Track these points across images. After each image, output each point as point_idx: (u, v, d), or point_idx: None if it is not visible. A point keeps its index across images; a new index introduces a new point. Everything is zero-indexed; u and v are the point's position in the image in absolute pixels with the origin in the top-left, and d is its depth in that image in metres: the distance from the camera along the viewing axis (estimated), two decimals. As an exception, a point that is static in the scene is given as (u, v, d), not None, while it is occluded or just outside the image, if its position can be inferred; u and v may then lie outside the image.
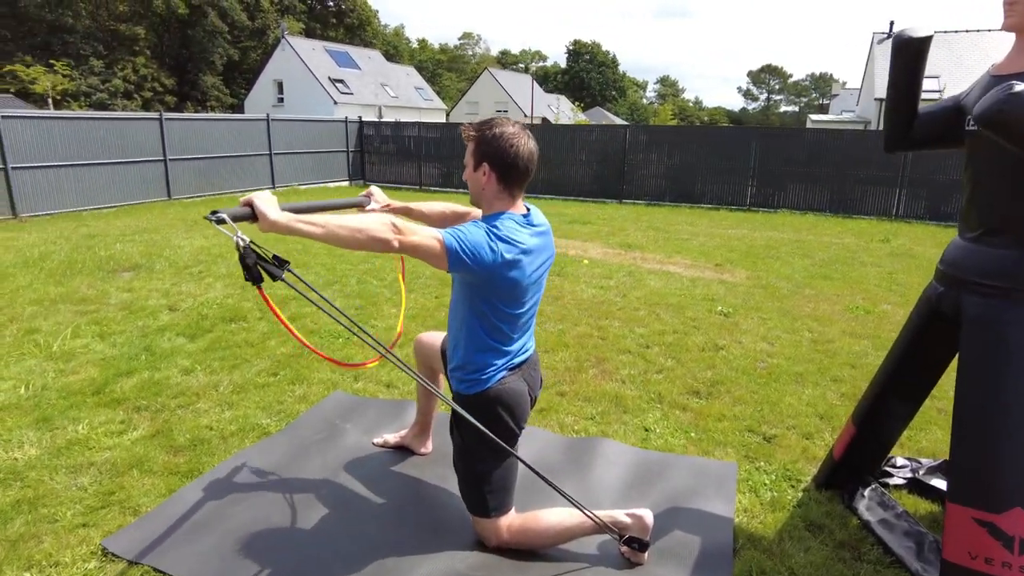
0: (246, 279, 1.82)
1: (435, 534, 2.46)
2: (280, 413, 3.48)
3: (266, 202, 1.86)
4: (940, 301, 2.29)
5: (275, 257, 1.89)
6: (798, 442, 3.19)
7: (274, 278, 1.86)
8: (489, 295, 2.11)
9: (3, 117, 10.17)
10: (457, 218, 2.53)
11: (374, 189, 2.65)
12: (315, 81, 35.65)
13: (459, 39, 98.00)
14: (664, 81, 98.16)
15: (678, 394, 3.75)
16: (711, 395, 3.75)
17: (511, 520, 2.33)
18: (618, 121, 51.22)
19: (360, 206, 2.55)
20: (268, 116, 15.26)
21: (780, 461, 3.01)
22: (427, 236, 1.95)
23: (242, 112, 37.36)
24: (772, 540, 2.45)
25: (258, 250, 1.85)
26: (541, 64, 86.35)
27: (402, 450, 3.09)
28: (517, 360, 2.27)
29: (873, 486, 2.72)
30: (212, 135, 13.80)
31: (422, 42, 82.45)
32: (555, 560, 2.33)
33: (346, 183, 17.43)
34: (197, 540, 2.40)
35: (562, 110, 49.76)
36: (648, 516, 2.27)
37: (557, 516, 2.32)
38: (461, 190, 16.34)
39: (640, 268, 7.17)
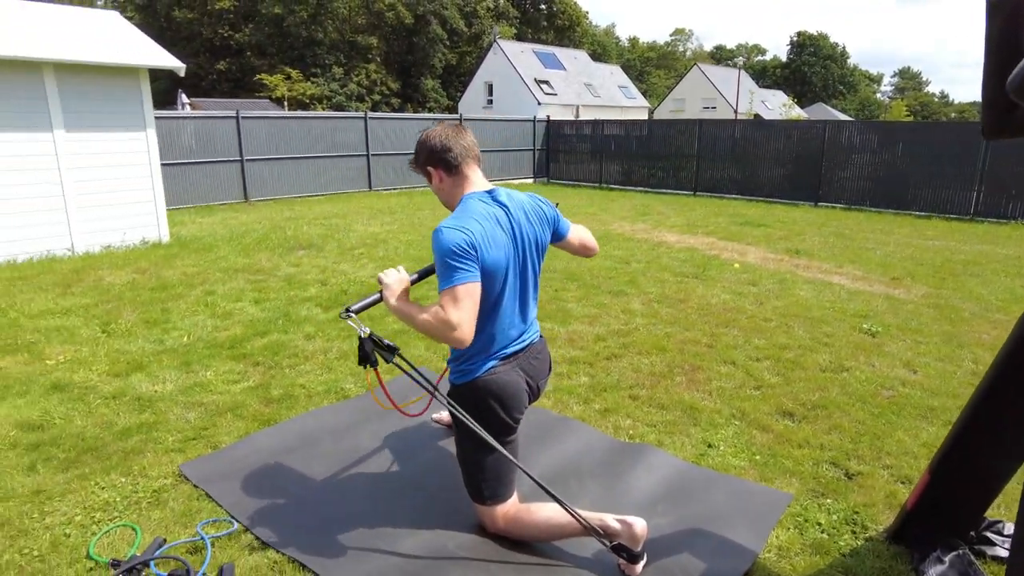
0: (359, 363, 2.10)
1: (442, 511, 2.53)
2: (366, 381, 3.78)
3: (391, 288, 2.11)
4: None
5: (388, 344, 2.12)
6: (886, 485, 2.70)
7: (386, 361, 2.11)
8: None
9: (243, 118, 12.18)
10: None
11: None
12: (521, 82, 37.23)
13: (670, 35, 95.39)
14: (904, 74, 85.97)
15: (766, 413, 3.38)
16: (805, 419, 3.32)
17: (507, 509, 2.32)
18: (842, 118, 46.16)
19: None
20: (460, 115, 16.36)
21: (853, 502, 2.59)
22: (447, 318, 1.94)
23: (456, 112, 40.32)
24: (794, 585, 2.13)
25: (376, 339, 2.11)
26: (759, 59, 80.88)
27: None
28: (510, 350, 2.23)
29: (960, 551, 2.23)
30: (410, 133, 15.14)
31: (633, 40, 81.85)
32: (544, 555, 2.27)
33: (530, 180, 18.03)
34: (245, 478, 2.75)
35: (774, 106, 46.19)
36: (639, 525, 2.11)
37: (549, 511, 2.26)
38: (640, 188, 16.04)
39: (796, 276, 6.49)
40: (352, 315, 2.11)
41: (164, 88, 36.49)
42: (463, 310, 1.94)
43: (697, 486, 2.69)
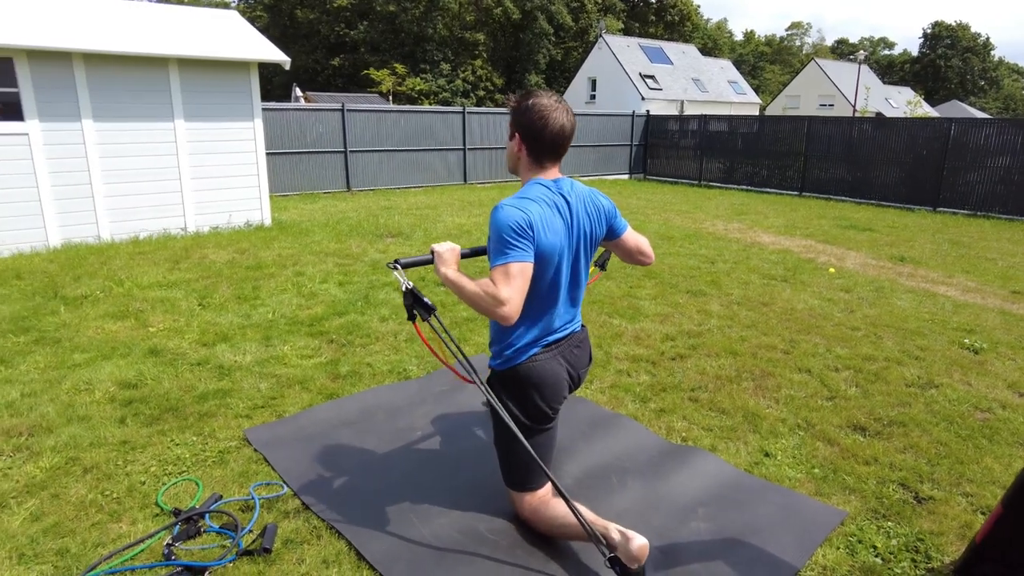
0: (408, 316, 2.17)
1: (479, 495, 2.57)
2: (429, 364, 3.89)
3: (442, 256, 2.13)
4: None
5: (426, 303, 2.13)
6: (962, 514, 2.46)
7: (423, 318, 2.15)
8: None
9: (348, 110, 12.76)
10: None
11: None
12: (625, 77, 36.62)
13: (786, 29, 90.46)
14: (1063, 67, 76.75)
15: (835, 426, 3.16)
16: (879, 435, 3.07)
17: (534, 498, 2.31)
18: (979, 117, 41.97)
19: None
20: (557, 109, 16.28)
21: (918, 528, 2.37)
22: (497, 292, 1.91)
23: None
24: (834, 607, 1.99)
25: (417, 295, 2.12)
26: (886, 53, 75.06)
27: (502, 416, 3.22)
28: (552, 338, 2.22)
29: (1038, 593, 2.00)
30: (505, 127, 15.30)
31: (748, 34, 78.38)
32: (573, 548, 2.25)
33: (626, 176, 17.73)
34: (301, 447, 2.91)
35: (899, 103, 42.77)
36: (637, 541, 1.97)
37: (561, 510, 2.20)
38: (742, 186, 15.39)
39: (897, 284, 6.00)
40: (399, 267, 2.14)
41: (282, 83, 38.93)
42: (514, 288, 1.93)
43: (744, 494, 2.57)
